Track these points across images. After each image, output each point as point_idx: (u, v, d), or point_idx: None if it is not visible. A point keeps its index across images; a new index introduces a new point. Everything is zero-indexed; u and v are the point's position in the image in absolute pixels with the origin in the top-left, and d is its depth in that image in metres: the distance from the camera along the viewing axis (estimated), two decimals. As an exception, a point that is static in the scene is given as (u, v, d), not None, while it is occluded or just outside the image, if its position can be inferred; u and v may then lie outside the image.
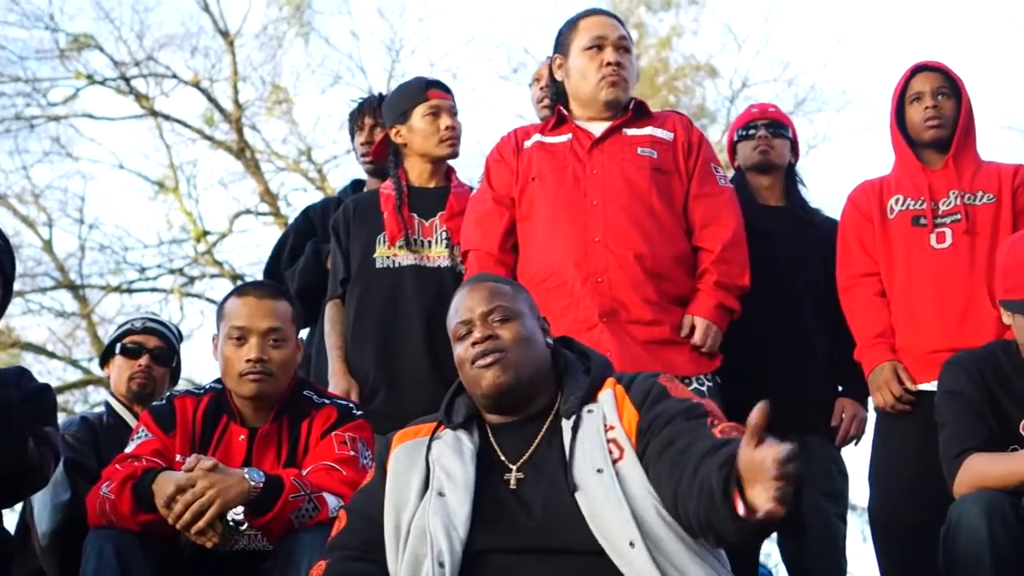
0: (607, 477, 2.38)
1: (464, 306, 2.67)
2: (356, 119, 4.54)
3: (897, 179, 3.77)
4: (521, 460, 2.53)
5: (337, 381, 3.78)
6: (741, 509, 2.02)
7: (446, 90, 4.04)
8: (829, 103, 17.28)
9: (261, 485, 2.82)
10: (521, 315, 2.66)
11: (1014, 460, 2.83)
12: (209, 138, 15.37)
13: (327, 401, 3.18)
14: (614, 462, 2.41)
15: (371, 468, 3.01)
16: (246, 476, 2.83)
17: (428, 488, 2.51)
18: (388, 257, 3.84)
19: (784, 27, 23.12)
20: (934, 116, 3.70)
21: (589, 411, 2.53)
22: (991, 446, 2.92)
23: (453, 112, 3.97)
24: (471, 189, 3.97)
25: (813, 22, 21.81)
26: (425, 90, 3.99)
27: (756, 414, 1.95)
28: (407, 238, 3.83)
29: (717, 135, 13.07)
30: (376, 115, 4.40)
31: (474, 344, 2.59)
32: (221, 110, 15.31)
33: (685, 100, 15.73)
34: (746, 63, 18.96)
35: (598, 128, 3.67)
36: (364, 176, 4.60)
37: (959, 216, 3.61)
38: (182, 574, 2.93)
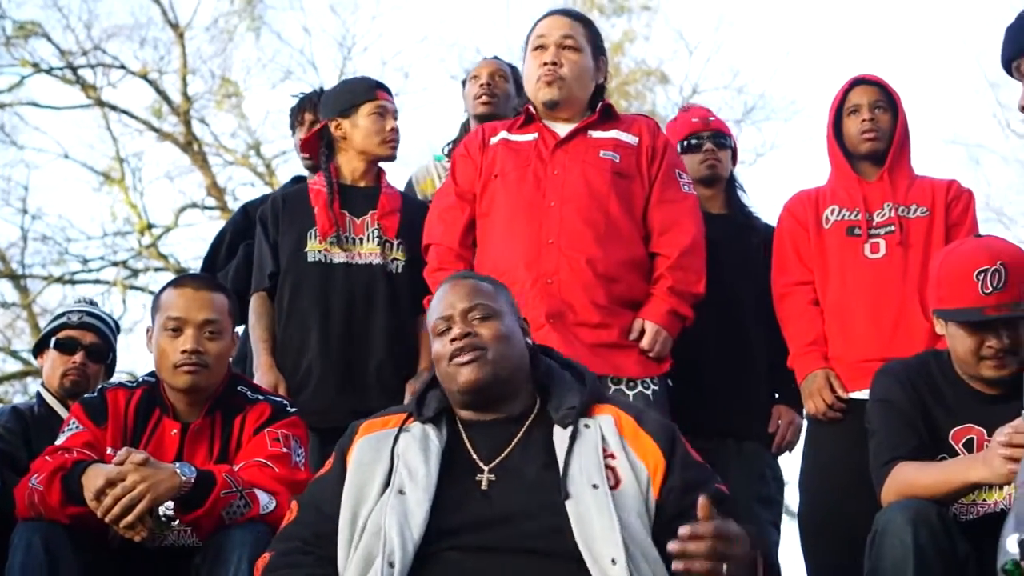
0: (602, 495, 2.39)
1: (445, 302, 2.67)
2: (296, 115, 4.54)
3: (833, 190, 3.81)
4: (494, 462, 2.52)
5: (264, 375, 3.73)
6: None
7: (391, 94, 4.05)
8: (777, 112, 17.47)
9: (192, 480, 2.80)
10: (501, 314, 2.66)
11: (942, 469, 2.87)
12: (156, 130, 15.28)
13: (261, 397, 3.16)
14: (610, 487, 2.41)
15: (303, 465, 3.00)
16: (177, 471, 2.80)
17: (390, 484, 2.49)
18: (320, 251, 3.82)
19: (735, 35, 23.31)
20: (870, 129, 3.75)
21: (586, 425, 2.54)
22: (920, 455, 2.95)
23: (395, 116, 3.98)
24: (400, 193, 4.01)
25: (764, 31, 21.99)
26: (374, 89, 4.00)
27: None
28: (338, 235, 3.82)
29: (666, 141, 13.13)
30: (316, 111, 4.39)
31: (452, 340, 2.59)
32: (169, 102, 15.22)
33: (636, 105, 15.83)
34: (697, 70, 19.12)
35: (564, 129, 3.67)
36: (306, 173, 4.56)
37: (893, 228, 3.66)
38: (111, 568, 2.90)
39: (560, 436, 2.51)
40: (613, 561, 2.29)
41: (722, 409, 3.80)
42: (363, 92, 3.99)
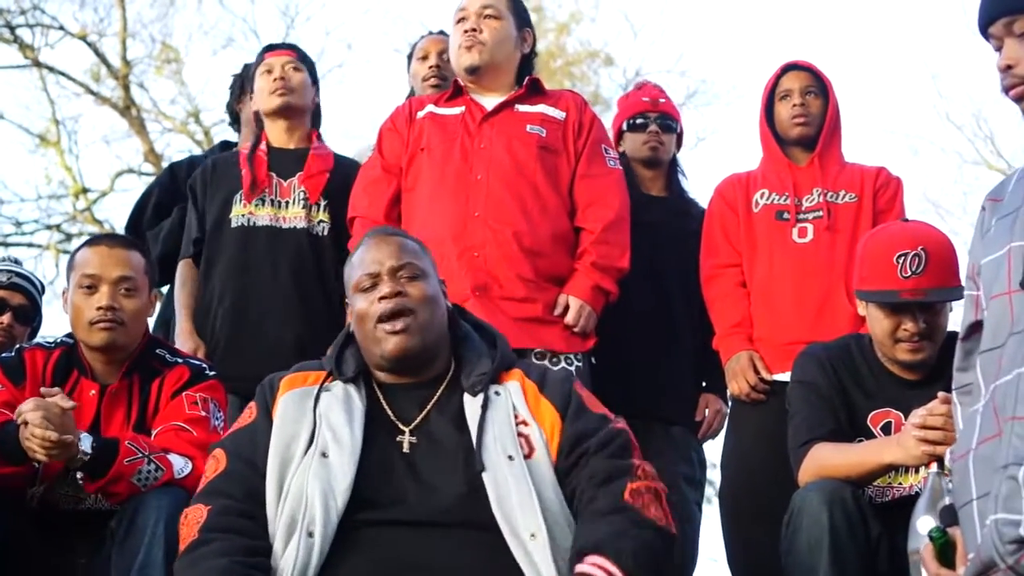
0: (518, 466, 2.37)
1: (372, 258, 2.60)
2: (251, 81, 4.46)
3: (764, 174, 3.84)
4: (413, 424, 2.49)
5: (184, 340, 3.72)
6: None
7: (289, 48, 4.07)
8: (719, 97, 17.56)
9: (89, 453, 2.74)
10: (428, 274, 2.61)
11: (857, 451, 2.91)
12: (94, 94, 15.07)
13: (179, 360, 3.13)
14: (524, 456, 2.40)
15: (222, 429, 2.96)
16: (79, 442, 2.74)
17: (313, 444, 2.43)
18: (244, 215, 3.80)
19: (680, 19, 23.40)
20: (801, 114, 3.78)
21: (496, 393, 2.51)
22: (837, 437, 2.98)
23: (294, 67, 3.95)
24: (335, 154, 3.98)
25: (708, 16, 22.10)
26: (262, 54, 4.04)
27: None
28: (254, 181, 3.80)
29: (610, 122, 13.20)
30: None
31: (381, 299, 2.52)
32: (108, 66, 15.01)
33: (580, 87, 15.87)
34: (641, 52, 19.19)
35: (491, 102, 3.68)
36: (234, 138, 4.60)
37: (821, 213, 3.69)
38: (29, 530, 2.88)
39: (471, 404, 2.49)
40: (532, 535, 2.28)
41: (651, 393, 3.82)
42: (255, 62, 4.04)
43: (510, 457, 2.38)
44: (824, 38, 21.18)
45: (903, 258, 2.95)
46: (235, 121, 4.55)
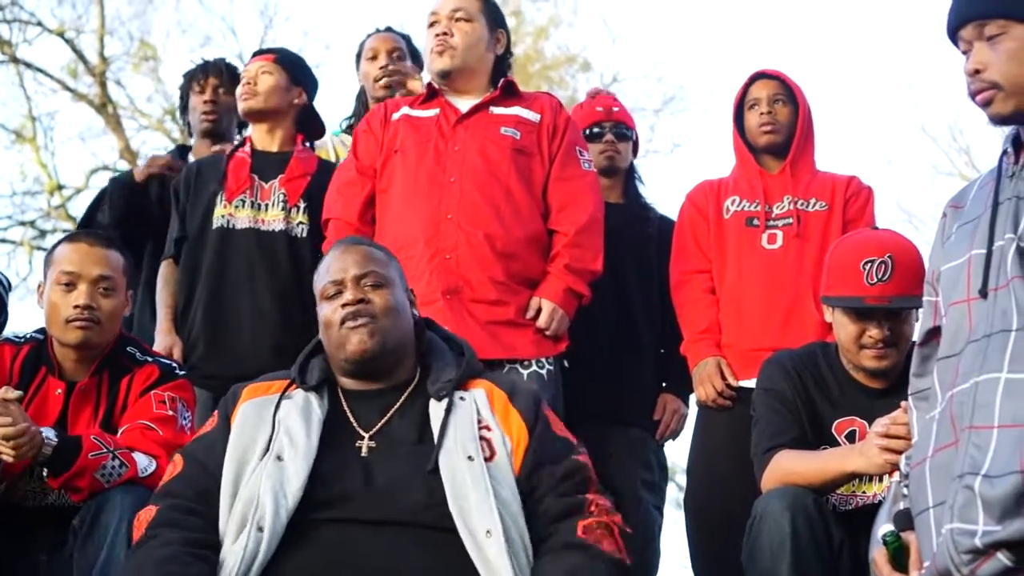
0: (477, 466, 2.39)
1: (337, 266, 2.65)
2: (198, 78, 4.51)
3: (735, 180, 3.87)
4: (374, 429, 2.52)
5: (162, 338, 3.74)
6: None
7: (269, 52, 4.09)
8: (696, 103, 17.62)
9: (53, 444, 2.74)
10: (393, 283, 2.65)
11: (820, 459, 2.92)
12: (71, 90, 15.00)
13: (149, 359, 3.12)
14: (485, 459, 2.42)
15: (190, 429, 2.96)
16: (42, 434, 2.74)
17: (269, 449, 2.47)
18: (224, 216, 3.81)
19: (657, 25, 23.47)
20: (768, 122, 3.81)
21: (461, 398, 2.55)
22: (801, 444, 3.00)
23: (265, 70, 3.97)
24: (317, 158, 4.00)
25: (687, 21, 22.16)
26: (250, 60, 4.07)
27: None
28: (225, 183, 3.81)
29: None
30: (221, 77, 4.40)
31: (344, 306, 2.57)
32: (85, 62, 14.95)
33: (558, 91, 15.90)
34: (619, 58, 19.22)
35: (466, 105, 3.68)
36: (192, 141, 4.61)
37: (791, 220, 3.71)
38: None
39: (436, 408, 2.52)
40: (488, 533, 2.29)
41: (610, 396, 3.85)
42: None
43: (470, 458, 2.41)
44: (801, 46, 21.28)
45: (870, 264, 2.97)
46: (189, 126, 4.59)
